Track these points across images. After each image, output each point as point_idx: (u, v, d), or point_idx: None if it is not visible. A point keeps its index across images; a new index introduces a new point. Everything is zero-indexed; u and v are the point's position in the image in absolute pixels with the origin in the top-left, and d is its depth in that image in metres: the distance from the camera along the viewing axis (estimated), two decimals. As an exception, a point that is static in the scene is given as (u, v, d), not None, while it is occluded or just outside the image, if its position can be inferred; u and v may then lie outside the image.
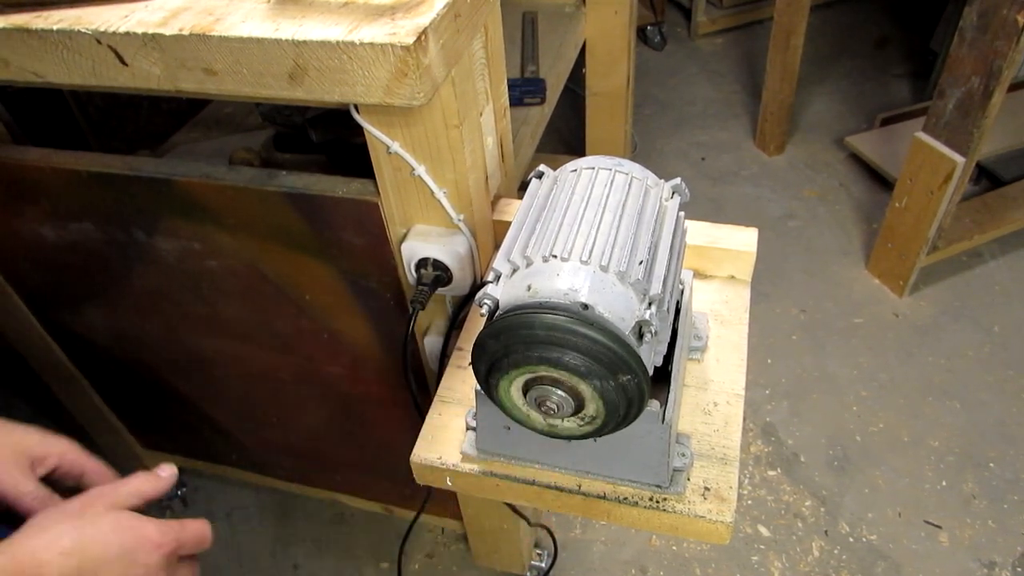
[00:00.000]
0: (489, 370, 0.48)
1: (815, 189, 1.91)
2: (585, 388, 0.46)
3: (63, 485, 0.57)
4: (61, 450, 0.57)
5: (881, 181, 1.87)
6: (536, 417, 0.51)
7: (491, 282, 0.50)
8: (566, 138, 2.07)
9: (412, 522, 0.95)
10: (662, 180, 0.55)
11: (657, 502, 0.56)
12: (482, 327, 0.48)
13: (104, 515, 0.50)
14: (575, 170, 0.54)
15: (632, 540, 1.24)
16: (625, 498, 0.57)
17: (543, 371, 0.46)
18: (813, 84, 2.23)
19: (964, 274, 1.65)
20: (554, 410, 0.48)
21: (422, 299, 0.69)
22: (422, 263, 0.69)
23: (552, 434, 0.52)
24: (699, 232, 0.71)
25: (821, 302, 1.62)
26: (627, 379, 0.45)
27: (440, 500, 1.02)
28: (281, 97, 0.56)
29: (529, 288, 0.46)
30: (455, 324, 0.75)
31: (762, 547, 1.22)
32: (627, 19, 1.41)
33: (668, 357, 0.54)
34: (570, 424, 0.50)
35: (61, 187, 0.76)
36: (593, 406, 0.48)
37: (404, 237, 0.69)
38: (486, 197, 0.72)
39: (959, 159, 1.33)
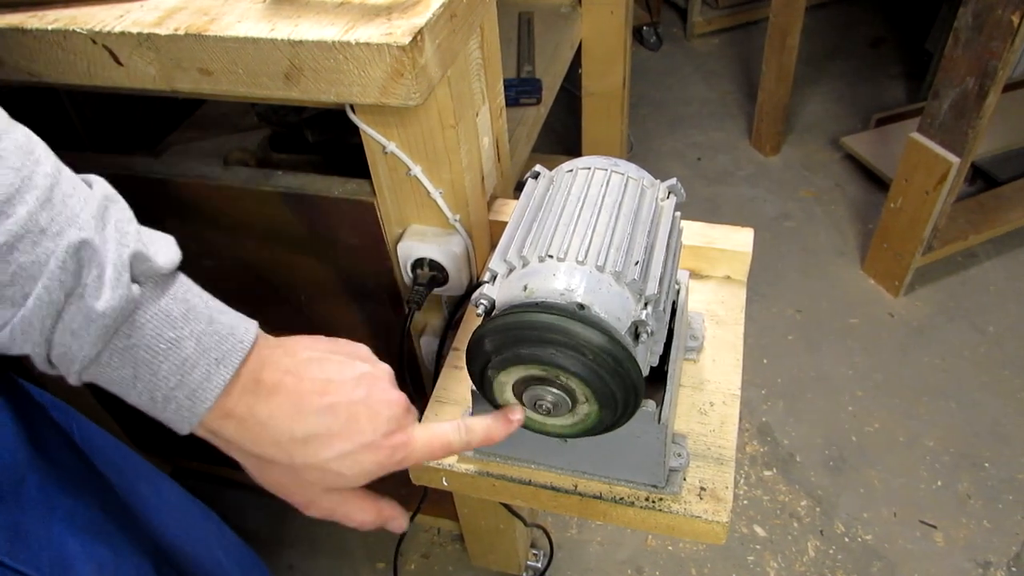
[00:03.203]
0: (484, 370, 0.48)
1: (811, 189, 1.91)
2: (580, 388, 0.46)
3: None
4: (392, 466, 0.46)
5: (877, 181, 1.88)
6: (531, 416, 0.51)
7: (487, 282, 0.50)
8: (562, 138, 2.07)
9: (408, 522, 0.94)
10: (658, 180, 0.55)
11: (653, 502, 0.56)
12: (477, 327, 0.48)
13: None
14: (571, 170, 0.54)
15: (628, 540, 1.24)
16: (621, 498, 0.57)
17: (538, 371, 0.46)
18: (809, 84, 2.24)
19: (959, 274, 1.65)
20: (549, 409, 0.48)
21: (418, 299, 0.69)
22: (418, 263, 0.69)
23: (547, 433, 0.52)
24: (695, 232, 0.72)
25: (817, 302, 1.62)
26: (623, 379, 0.45)
27: (436, 500, 1.02)
28: (277, 97, 0.56)
29: (525, 288, 0.46)
30: (451, 324, 0.75)
31: (758, 547, 1.22)
32: (623, 19, 1.41)
33: (664, 357, 0.54)
34: (565, 423, 0.50)
35: (56, 187, 0.76)
36: (588, 406, 0.48)
37: (400, 237, 0.69)
38: (482, 197, 0.72)
39: (954, 159, 1.34)
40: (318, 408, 0.41)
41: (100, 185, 0.38)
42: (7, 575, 0.44)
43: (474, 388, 0.52)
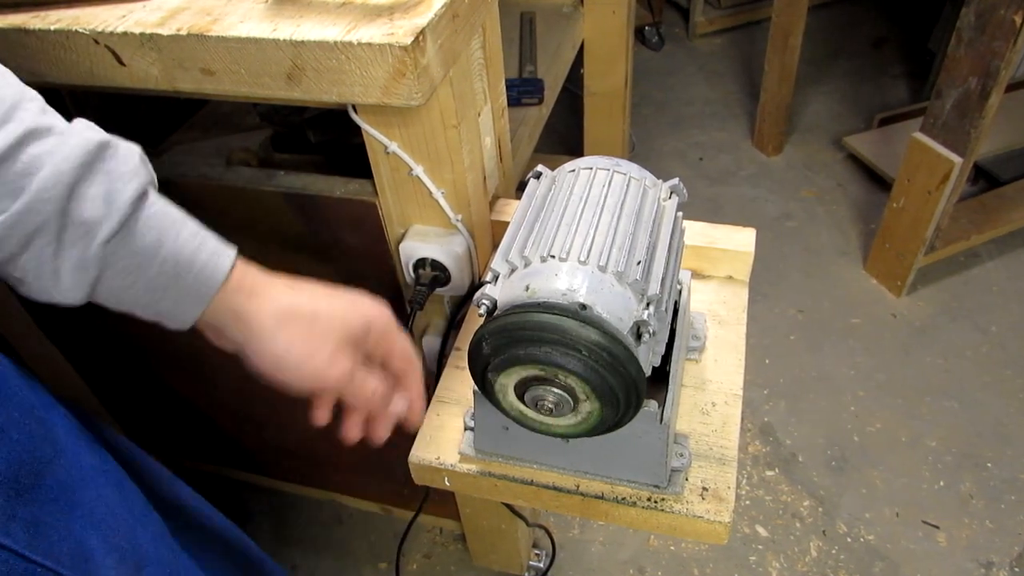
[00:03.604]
0: (485, 370, 0.48)
1: (813, 189, 1.91)
2: (582, 388, 0.46)
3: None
4: (381, 327, 0.51)
5: (879, 181, 1.88)
6: (533, 416, 0.51)
7: (489, 282, 0.50)
8: (564, 138, 2.07)
9: (410, 522, 0.95)
10: (660, 180, 0.55)
11: (655, 502, 0.56)
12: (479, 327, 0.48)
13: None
14: (573, 170, 0.54)
15: (630, 540, 1.24)
16: (623, 498, 0.57)
17: (540, 371, 0.46)
18: (811, 84, 2.24)
19: (962, 274, 1.65)
20: (551, 409, 0.48)
21: (420, 299, 0.69)
22: (420, 263, 0.69)
23: (549, 433, 0.52)
24: (697, 232, 0.72)
25: (819, 302, 1.62)
26: (622, 375, 0.45)
27: (438, 500, 1.02)
28: (279, 97, 0.56)
29: (527, 288, 0.46)
30: (453, 324, 0.75)
31: (760, 547, 1.22)
32: (625, 19, 1.41)
33: (666, 357, 0.54)
34: (567, 423, 0.50)
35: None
36: (589, 405, 0.48)
37: (402, 237, 0.69)
38: (484, 197, 0.72)
39: (956, 159, 1.34)
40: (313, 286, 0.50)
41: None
42: (27, 567, 0.44)
43: (476, 388, 0.52)
